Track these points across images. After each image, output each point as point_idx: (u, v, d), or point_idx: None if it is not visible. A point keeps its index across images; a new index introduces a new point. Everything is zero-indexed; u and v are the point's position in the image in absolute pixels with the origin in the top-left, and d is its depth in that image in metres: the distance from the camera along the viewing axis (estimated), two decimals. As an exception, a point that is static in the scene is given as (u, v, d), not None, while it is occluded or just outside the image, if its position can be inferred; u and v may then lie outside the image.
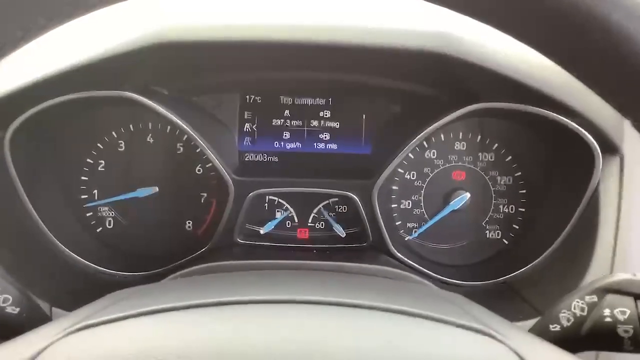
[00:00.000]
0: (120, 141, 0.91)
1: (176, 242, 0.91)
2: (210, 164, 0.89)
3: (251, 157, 0.89)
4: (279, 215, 0.90)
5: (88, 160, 0.90)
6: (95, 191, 0.91)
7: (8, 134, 0.75)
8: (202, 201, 0.91)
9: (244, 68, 0.84)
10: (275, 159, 0.89)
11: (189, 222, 0.92)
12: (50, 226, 0.82)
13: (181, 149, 0.90)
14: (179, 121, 0.79)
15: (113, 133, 0.90)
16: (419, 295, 0.52)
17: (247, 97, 0.88)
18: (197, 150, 0.89)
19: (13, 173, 0.77)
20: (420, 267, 0.85)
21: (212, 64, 0.80)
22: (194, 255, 0.87)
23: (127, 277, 0.86)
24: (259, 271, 0.76)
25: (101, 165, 0.91)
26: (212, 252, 0.86)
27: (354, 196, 0.84)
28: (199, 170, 0.90)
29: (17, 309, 0.54)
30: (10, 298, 0.54)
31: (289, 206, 0.90)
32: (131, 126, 0.90)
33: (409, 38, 0.68)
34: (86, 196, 0.91)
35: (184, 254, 0.87)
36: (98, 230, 0.91)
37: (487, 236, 0.91)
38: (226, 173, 0.83)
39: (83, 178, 0.90)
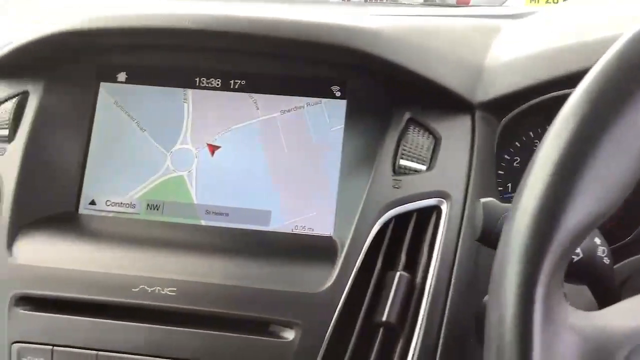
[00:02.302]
0: (535, 140, 0.99)
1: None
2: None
3: None
4: None
5: (505, 156, 1.00)
6: (509, 184, 1.00)
7: (499, 128, 0.86)
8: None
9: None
10: None
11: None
12: None
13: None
14: None
15: (530, 133, 0.99)
16: None
17: None
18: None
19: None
20: None
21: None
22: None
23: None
24: None
25: (516, 162, 1.00)
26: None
27: None
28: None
29: (609, 261, 0.63)
30: (606, 250, 0.63)
31: None
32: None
33: None
34: (501, 188, 1.01)
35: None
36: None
37: None
38: None
39: (499, 172, 1.00)
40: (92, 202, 0.86)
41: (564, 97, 0.82)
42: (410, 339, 0.69)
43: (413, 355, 0.68)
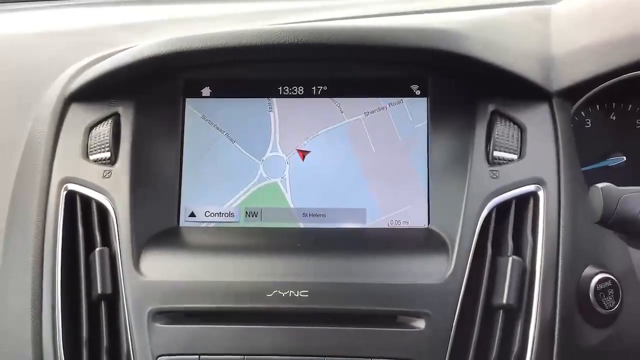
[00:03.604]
0: (587, 120, 1.04)
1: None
2: None
3: None
4: None
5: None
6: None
7: (572, 112, 0.90)
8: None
9: None
10: None
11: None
12: None
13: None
14: None
15: (582, 113, 1.04)
16: None
17: None
18: None
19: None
20: None
21: None
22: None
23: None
24: None
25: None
26: None
27: None
28: None
29: None
30: None
31: None
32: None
33: None
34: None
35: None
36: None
37: None
38: None
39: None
40: (192, 215, 0.89)
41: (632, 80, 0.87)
42: (529, 319, 0.74)
43: (534, 333, 0.73)
